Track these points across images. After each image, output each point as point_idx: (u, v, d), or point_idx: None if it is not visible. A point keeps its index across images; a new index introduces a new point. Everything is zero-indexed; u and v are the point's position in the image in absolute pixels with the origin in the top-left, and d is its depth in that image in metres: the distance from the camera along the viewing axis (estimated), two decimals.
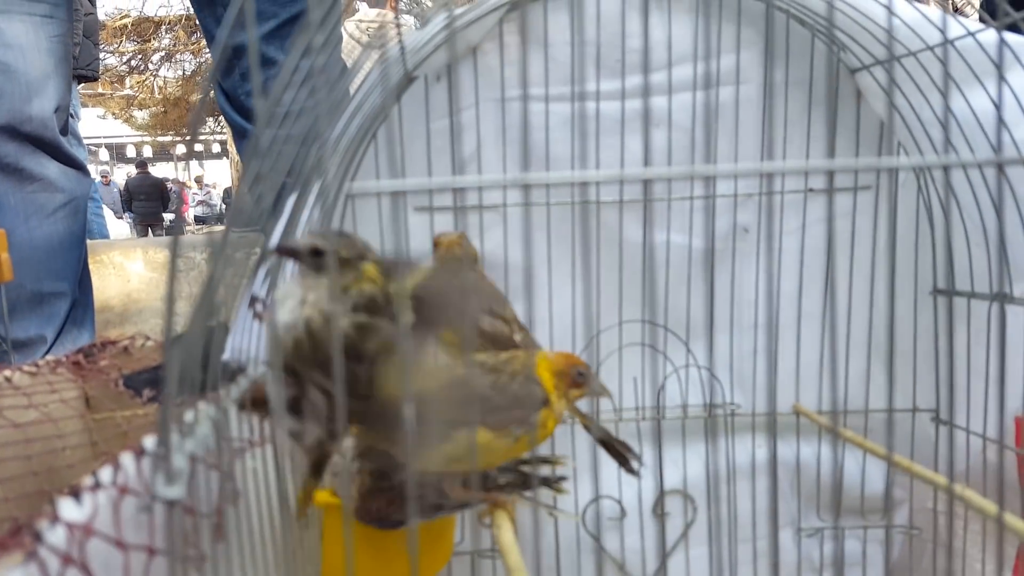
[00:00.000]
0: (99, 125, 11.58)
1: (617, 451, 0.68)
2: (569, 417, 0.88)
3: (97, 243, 2.58)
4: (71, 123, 3.66)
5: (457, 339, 0.51)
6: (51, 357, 0.93)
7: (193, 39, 8.66)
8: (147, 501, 0.34)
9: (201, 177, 12.24)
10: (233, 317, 0.60)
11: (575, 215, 0.84)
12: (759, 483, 0.91)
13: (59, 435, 0.76)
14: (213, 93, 1.43)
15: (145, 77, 9.58)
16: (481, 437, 0.54)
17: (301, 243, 0.47)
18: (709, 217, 0.85)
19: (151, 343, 1.00)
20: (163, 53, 9.23)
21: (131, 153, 12.90)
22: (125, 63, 9.29)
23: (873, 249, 0.86)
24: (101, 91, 9.86)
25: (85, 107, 9.92)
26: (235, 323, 0.61)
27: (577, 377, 0.58)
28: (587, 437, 0.90)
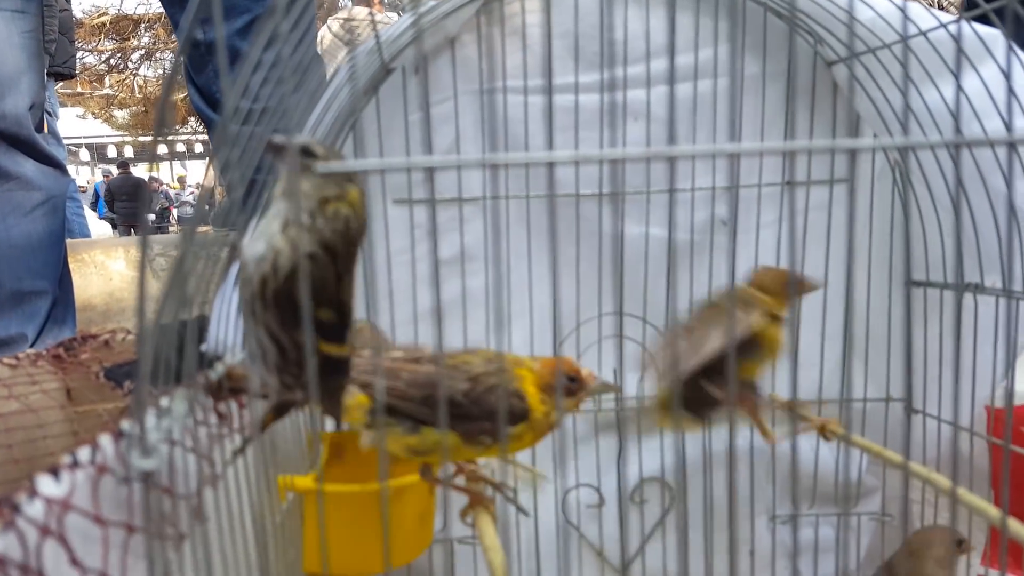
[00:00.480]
0: (79, 125, 11.48)
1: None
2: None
3: (79, 242, 2.56)
4: (49, 121, 3.64)
5: None
6: (31, 351, 0.93)
7: (173, 37, 8.59)
8: (124, 474, 0.35)
9: (184, 177, 12.16)
10: (210, 309, 0.60)
11: (552, 207, 0.85)
12: (736, 472, 0.92)
13: (40, 424, 0.76)
14: (186, 91, 1.43)
15: (125, 76, 9.51)
16: (449, 439, 0.54)
17: (291, 140, 0.41)
18: (675, 208, 0.85)
19: (132, 337, 1.00)
20: (143, 52, 9.16)
21: (112, 153, 12.79)
22: (104, 62, 9.22)
23: (848, 240, 0.88)
24: (81, 91, 9.77)
25: (65, 107, 9.83)
26: (213, 315, 0.61)
27: (570, 384, 0.58)
28: (567, 427, 0.91)
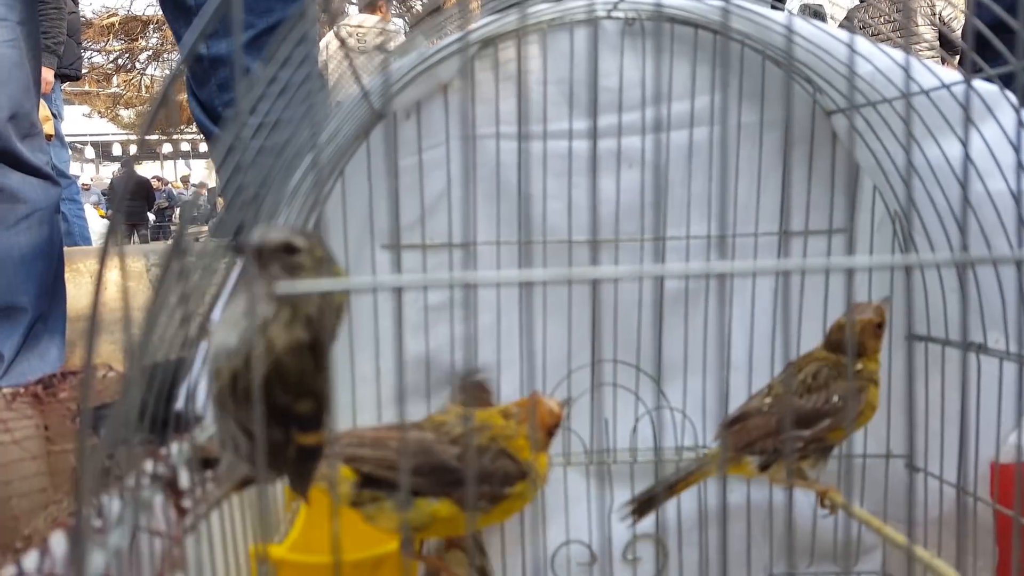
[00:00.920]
0: (85, 123, 11.50)
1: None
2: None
3: (74, 251, 2.54)
4: (55, 124, 3.63)
5: None
6: (8, 389, 0.91)
7: None
8: None
9: (187, 177, 12.17)
10: (191, 353, 0.58)
11: (546, 255, 0.83)
12: (732, 528, 0.89)
13: (7, 481, 0.73)
14: (188, 101, 1.41)
15: (132, 76, 9.52)
16: (445, 509, 0.52)
17: (270, 237, 0.38)
18: (667, 256, 0.83)
19: (113, 374, 0.98)
20: (150, 52, 9.17)
21: (117, 151, 12.81)
22: (112, 62, 9.23)
23: (847, 291, 0.85)
24: (87, 89, 9.78)
25: (71, 104, 9.85)
26: (195, 360, 0.58)
27: (551, 429, 0.57)
28: (558, 478, 0.89)
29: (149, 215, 8.89)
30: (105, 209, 9.04)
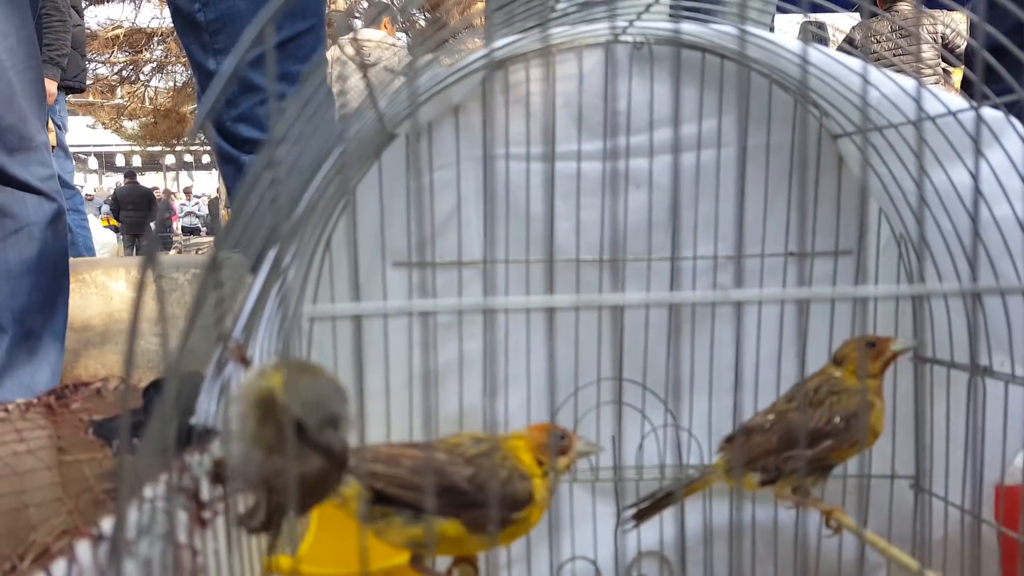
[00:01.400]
0: (89, 134, 11.54)
1: None
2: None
3: (80, 262, 2.55)
4: (59, 135, 3.64)
5: None
6: (22, 400, 0.91)
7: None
8: None
9: (190, 188, 12.21)
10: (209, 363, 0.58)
11: (555, 274, 0.84)
12: (737, 546, 0.90)
13: (22, 491, 0.74)
14: (195, 103, 1.42)
15: (136, 87, 9.57)
16: (453, 529, 0.52)
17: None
18: (677, 277, 0.84)
19: (124, 386, 0.99)
20: (155, 64, 9.22)
21: (120, 162, 12.85)
22: (116, 73, 9.28)
23: (853, 314, 0.86)
24: (91, 100, 9.83)
25: (75, 115, 9.90)
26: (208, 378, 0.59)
27: (560, 443, 0.57)
28: (564, 495, 0.89)
29: (153, 226, 8.92)
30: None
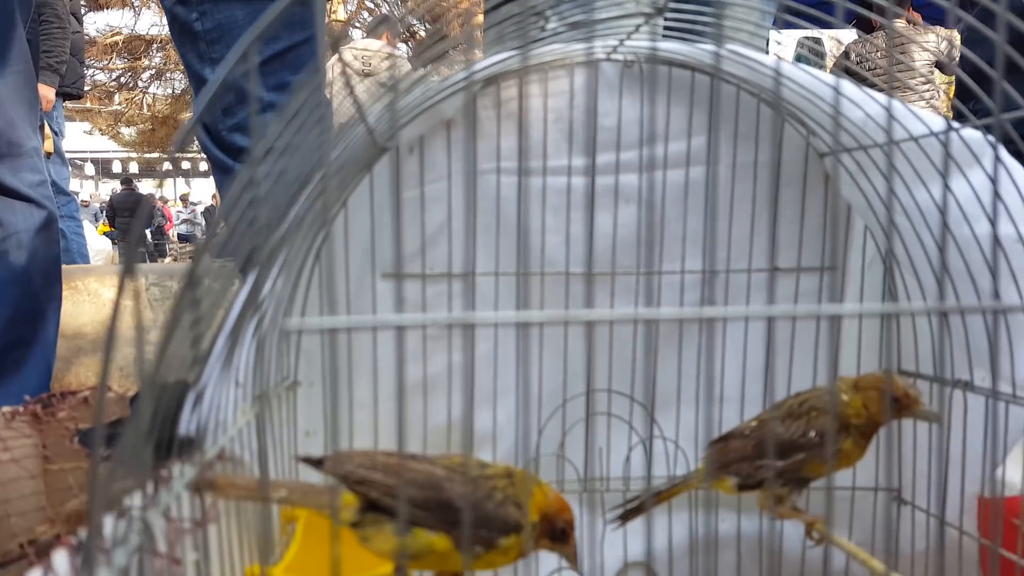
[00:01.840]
0: (86, 140, 11.54)
1: None
2: None
3: (73, 269, 2.56)
4: (56, 141, 3.64)
5: None
6: (8, 408, 0.92)
7: None
8: None
9: (187, 195, 12.21)
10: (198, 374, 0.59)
11: (544, 287, 0.85)
12: (722, 557, 0.91)
13: (5, 500, 0.75)
14: (191, 110, 1.42)
15: (134, 94, 9.58)
16: (441, 543, 0.53)
17: None
18: (662, 291, 0.85)
19: (111, 394, 0.99)
20: (153, 71, 9.23)
21: (117, 168, 12.85)
22: (115, 80, 9.29)
23: (838, 328, 0.87)
24: (89, 106, 9.84)
25: (72, 121, 9.90)
26: (205, 381, 0.59)
27: (559, 532, 0.56)
28: None
29: (147, 232, 8.92)
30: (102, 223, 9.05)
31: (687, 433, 0.90)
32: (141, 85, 9.42)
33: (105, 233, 8.52)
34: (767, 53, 0.87)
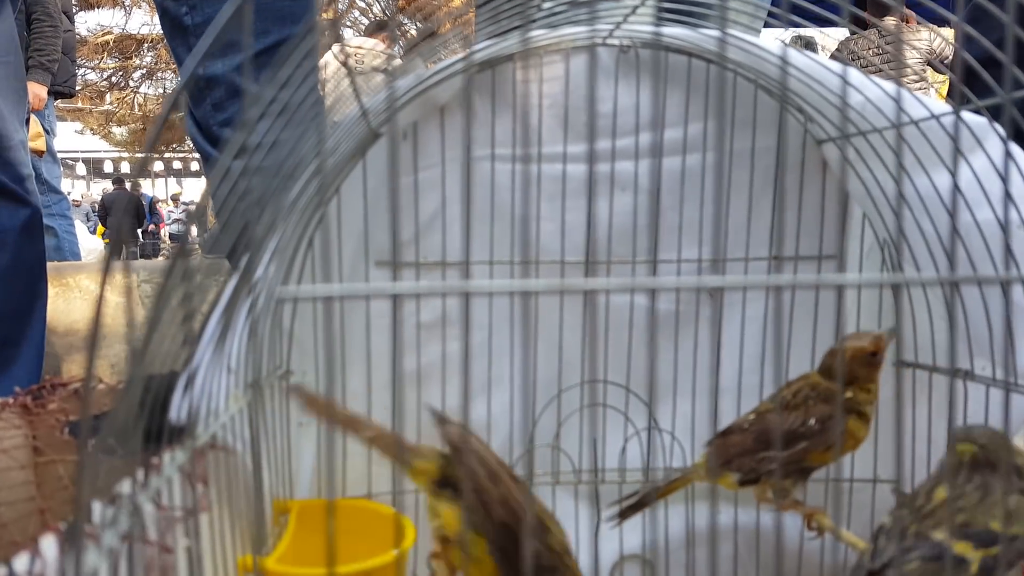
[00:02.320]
0: (77, 140, 11.50)
1: None
2: (527, 479, 0.87)
3: (65, 266, 2.54)
4: (48, 140, 3.63)
5: None
6: None
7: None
8: None
9: (178, 195, 12.17)
10: (189, 361, 0.57)
11: (539, 275, 0.84)
12: (719, 550, 0.90)
13: None
14: (184, 119, 1.41)
15: (125, 94, 9.55)
16: (484, 558, 0.53)
17: None
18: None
19: (102, 386, 0.98)
20: (144, 71, 9.20)
21: (108, 168, 12.81)
22: (106, 79, 9.26)
23: (836, 317, 0.86)
24: (80, 106, 9.80)
25: (63, 121, 9.86)
26: (195, 366, 0.58)
27: None
28: (546, 497, 0.89)
29: (139, 232, 8.89)
30: (92, 227, 9.01)
31: (683, 424, 0.89)
32: (132, 85, 9.38)
33: (104, 235, 8.50)
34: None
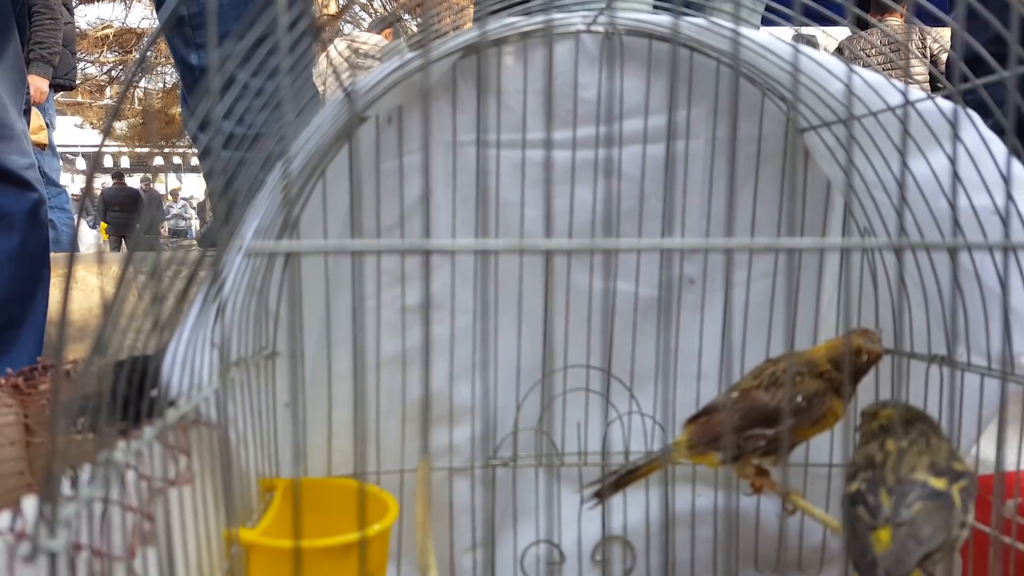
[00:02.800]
0: (77, 134, 11.50)
1: None
2: (512, 461, 0.88)
3: (62, 257, 2.54)
4: (48, 133, 3.63)
5: None
6: None
7: None
8: (28, 551, 0.34)
9: (177, 190, 12.17)
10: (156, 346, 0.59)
11: (522, 262, 0.85)
12: (699, 531, 0.91)
13: None
14: (180, 112, 1.42)
15: (125, 88, 9.53)
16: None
17: None
18: (657, 267, 0.85)
19: (93, 368, 0.98)
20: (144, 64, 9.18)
21: (108, 163, 12.81)
22: (105, 73, 9.26)
23: (816, 304, 0.88)
24: (80, 100, 9.80)
25: (63, 115, 9.86)
26: (169, 351, 0.59)
27: None
28: (529, 479, 0.90)
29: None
30: (93, 221, 9.01)
31: (666, 409, 0.90)
32: (128, 76, 9.37)
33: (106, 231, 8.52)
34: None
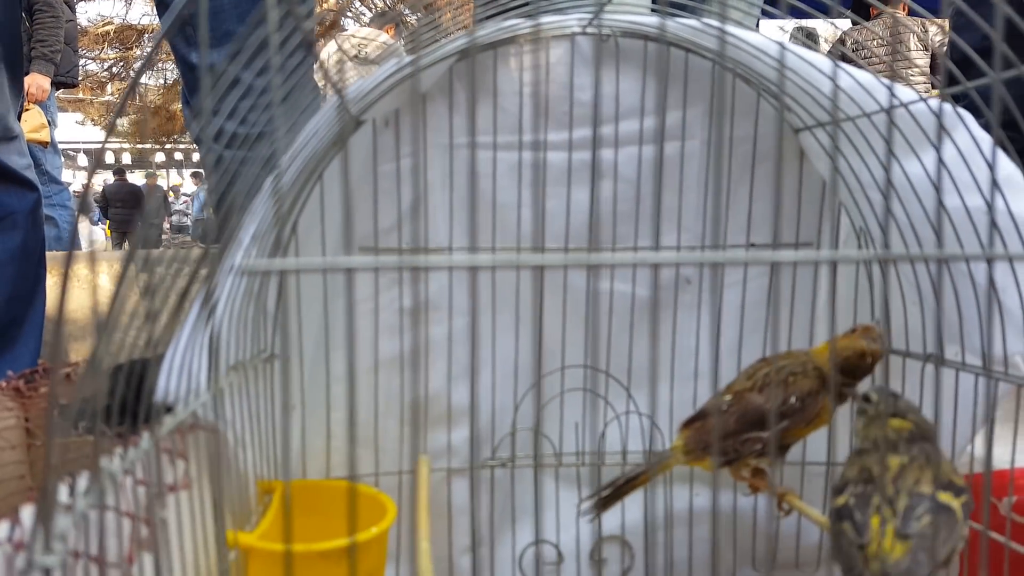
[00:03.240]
0: (78, 131, 11.51)
1: None
2: (509, 462, 0.89)
3: (62, 255, 2.55)
4: (50, 131, 3.64)
5: None
6: None
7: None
8: (23, 567, 0.34)
9: (179, 186, 12.18)
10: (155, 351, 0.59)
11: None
12: (696, 531, 0.91)
13: None
14: (182, 110, 1.43)
15: (127, 84, 9.54)
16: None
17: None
18: (638, 267, 0.86)
19: (93, 371, 0.99)
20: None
21: (110, 159, 12.81)
22: (107, 70, 9.26)
23: (812, 302, 0.88)
24: (81, 97, 9.80)
25: (65, 112, 9.86)
26: (168, 355, 0.60)
27: None
28: (527, 480, 0.91)
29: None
30: (96, 218, 9.02)
31: (663, 409, 0.90)
32: (133, 75, 9.37)
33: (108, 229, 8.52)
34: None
